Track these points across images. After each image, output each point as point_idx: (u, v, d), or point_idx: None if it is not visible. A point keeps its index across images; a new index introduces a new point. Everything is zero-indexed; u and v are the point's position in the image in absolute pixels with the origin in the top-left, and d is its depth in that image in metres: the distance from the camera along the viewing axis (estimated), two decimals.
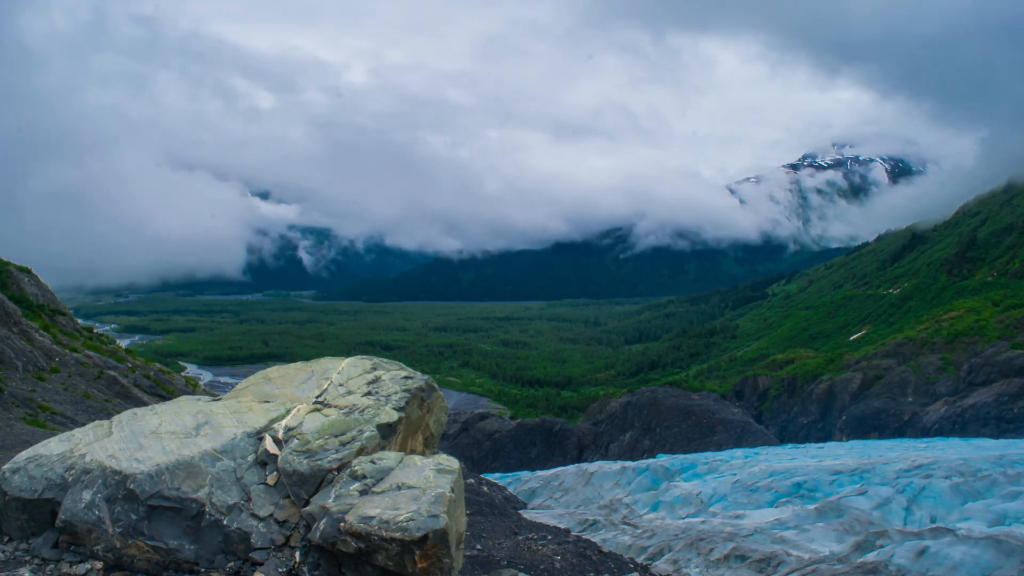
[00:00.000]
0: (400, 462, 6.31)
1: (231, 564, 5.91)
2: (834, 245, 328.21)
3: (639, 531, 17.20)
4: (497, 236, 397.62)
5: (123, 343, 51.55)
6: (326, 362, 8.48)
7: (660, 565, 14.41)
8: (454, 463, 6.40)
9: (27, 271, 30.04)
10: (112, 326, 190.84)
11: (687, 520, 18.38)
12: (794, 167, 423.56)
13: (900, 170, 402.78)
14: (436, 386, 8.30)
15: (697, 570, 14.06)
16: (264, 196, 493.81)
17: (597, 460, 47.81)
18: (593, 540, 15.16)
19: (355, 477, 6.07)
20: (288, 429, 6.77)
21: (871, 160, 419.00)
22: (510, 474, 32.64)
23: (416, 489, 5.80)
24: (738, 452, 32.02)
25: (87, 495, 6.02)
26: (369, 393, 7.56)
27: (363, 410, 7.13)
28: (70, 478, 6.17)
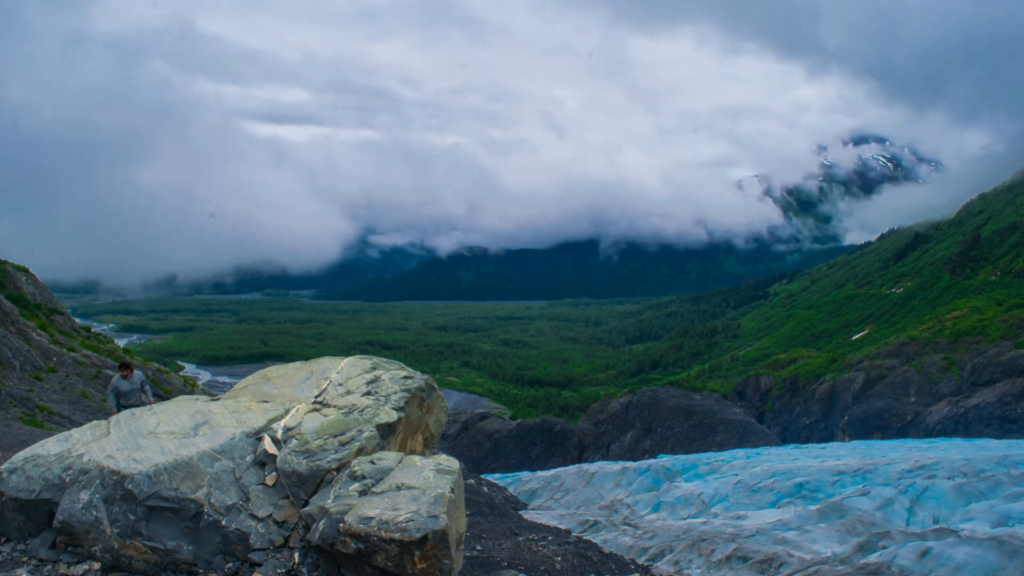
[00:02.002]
0: (400, 462, 6.26)
1: (229, 565, 5.87)
2: (837, 244, 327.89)
3: (640, 532, 17.16)
4: (497, 235, 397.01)
5: (121, 342, 51.53)
6: (325, 362, 8.43)
7: (661, 566, 14.36)
8: (454, 463, 6.35)
9: (24, 270, 30.00)
10: (110, 325, 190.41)
11: (688, 521, 18.32)
12: (796, 165, 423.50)
13: (903, 169, 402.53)
14: (436, 386, 8.25)
15: (699, 571, 14.00)
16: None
17: (598, 460, 47.85)
18: (594, 541, 15.12)
19: (354, 477, 6.02)
20: (287, 429, 6.73)
21: (874, 159, 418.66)
22: (510, 474, 32.54)
23: (416, 490, 5.75)
24: (740, 452, 31.94)
25: (85, 495, 5.98)
26: (368, 393, 7.51)
27: (362, 410, 7.09)
28: (68, 478, 6.13)
